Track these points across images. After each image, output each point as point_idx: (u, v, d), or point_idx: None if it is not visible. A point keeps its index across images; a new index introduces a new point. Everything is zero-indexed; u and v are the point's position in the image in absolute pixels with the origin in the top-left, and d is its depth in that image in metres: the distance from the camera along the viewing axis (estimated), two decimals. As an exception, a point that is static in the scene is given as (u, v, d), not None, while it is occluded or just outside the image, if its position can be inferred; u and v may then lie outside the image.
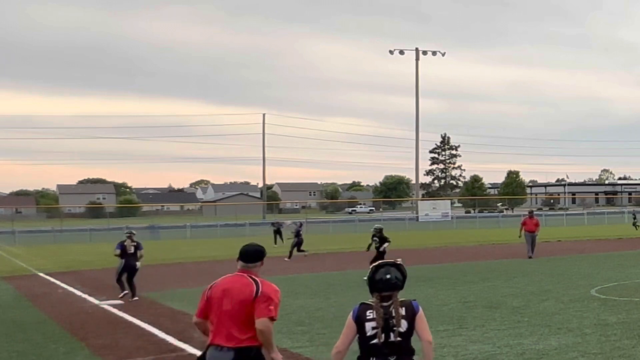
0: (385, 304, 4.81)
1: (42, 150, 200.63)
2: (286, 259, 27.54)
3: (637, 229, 42.53)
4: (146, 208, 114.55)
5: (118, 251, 16.97)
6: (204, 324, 5.58)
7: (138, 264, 16.91)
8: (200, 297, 5.61)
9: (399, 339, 4.78)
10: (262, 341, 5.36)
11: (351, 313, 4.88)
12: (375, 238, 20.48)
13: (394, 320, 4.76)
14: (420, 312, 4.88)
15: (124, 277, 17.05)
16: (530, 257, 25.13)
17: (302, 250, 28.88)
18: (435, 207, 73.08)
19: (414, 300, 5.03)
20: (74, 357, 10.27)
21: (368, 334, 4.79)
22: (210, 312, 5.49)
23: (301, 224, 31.90)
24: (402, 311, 4.81)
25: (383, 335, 4.74)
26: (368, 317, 4.79)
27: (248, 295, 5.37)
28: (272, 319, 5.35)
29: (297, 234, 29.15)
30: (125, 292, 17.00)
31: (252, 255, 5.58)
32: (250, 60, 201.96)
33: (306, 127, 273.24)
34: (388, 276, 4.87)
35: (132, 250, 16.86)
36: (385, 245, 20.03)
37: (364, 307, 4.85)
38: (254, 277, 5.50)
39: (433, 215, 68.35)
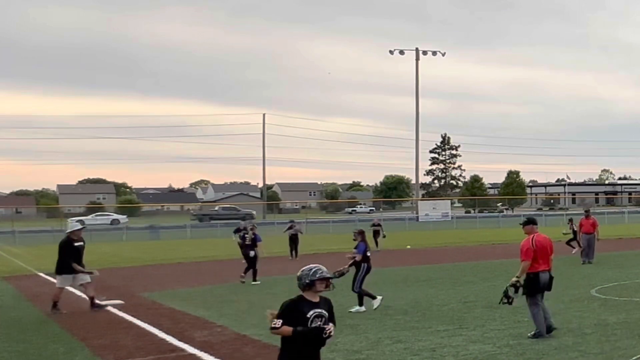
0: None
1: (42, 150, 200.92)
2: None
3: (377, 246, 31.68)
4: (146, 208, 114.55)
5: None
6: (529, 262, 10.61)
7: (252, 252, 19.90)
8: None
9: None
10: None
11: None
12: None
13: None
14: None
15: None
16: (589, 263, 22.37)
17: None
18: (435, 207, 73.06)
19: None
20: (73, 357, 10.27)
21: None
22: (537, 254, 10.60)
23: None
24: None
25: None
26: None
27: (550, 243, 10.95)
28: None
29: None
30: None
31: (536, 221, 11.27)
32: (251, 60, 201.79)
33: (306, 127, 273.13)
34: None
35: (249, 241, 20.15)
36: None
37: None
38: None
39: (433, 215, 68.36)
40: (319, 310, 6.04)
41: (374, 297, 13.91)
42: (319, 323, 5.96)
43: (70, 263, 14.61)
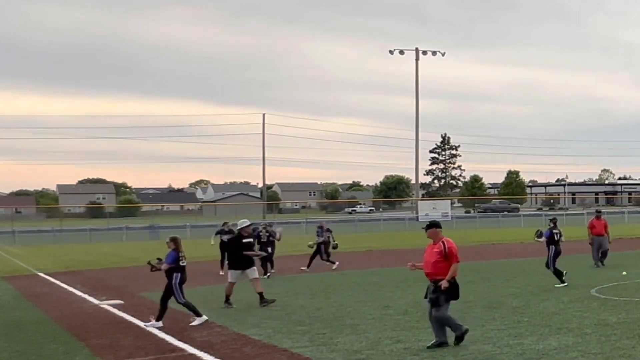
0: None
1: (42, 150, 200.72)
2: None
3: (328, 257, 24.47)
4: (146, 208, 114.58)
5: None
6: None
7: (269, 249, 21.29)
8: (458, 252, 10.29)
9: None
10: None
11: None
12: None
13: None
14: None
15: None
16: (601, 265, 21.51)
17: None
18: (435, 207, 73.12)
19: None
20: (73, 357, 10.27)
21: None
22: None
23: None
24: None
25: None
26: None
27: None
28: None
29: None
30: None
31: (440, 225, 10.63)
32: (250, 60, 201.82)
33: (306, 127, 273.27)
34: None
35: (265, 239, 21.53)
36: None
37: None
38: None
39: (433, 215, 68.26)
40: None
41: (199, 315, 12.79)
42: None
43: (239, 256, 15.00)
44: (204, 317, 12.76)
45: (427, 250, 10.42)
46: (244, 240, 15.16)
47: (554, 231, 17.80)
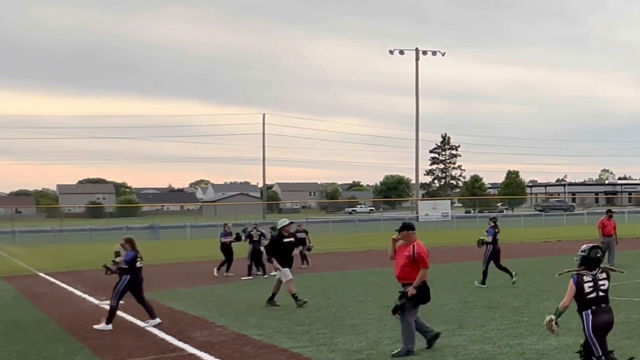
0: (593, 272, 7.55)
1: (42, 150, 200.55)
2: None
3: (302, 262, 24.25)
4: (146, 208, 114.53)
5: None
6: None
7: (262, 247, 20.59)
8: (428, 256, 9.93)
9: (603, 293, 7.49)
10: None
11: (572, 280, 7.68)
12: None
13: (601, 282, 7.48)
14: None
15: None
16: (611, 265, 21.37)
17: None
18: (435, 207, 73.05)
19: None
20: (73, 357, 10.27)
21: (586, 291, 7.57)
22: None
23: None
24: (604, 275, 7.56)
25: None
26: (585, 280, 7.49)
27: None
28: None
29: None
30: (257, 273, 21.52)
31: (414, 227, 10.13)
32: (250, 60, 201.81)
33: (306, 127, 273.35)
34: (598, 255, 7.54)
35: (257, 237, 21.70)
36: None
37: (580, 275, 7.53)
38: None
39: (433, 215, 68.33)
40: None
41: (109, 322, 12.50)
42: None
43: (282, 255, 14.68)
44: (110, 327, 12.39)
45: (397, 251, 10.02)
46: (285, 240, 14.90)
47: (496, 230, 18.17)
